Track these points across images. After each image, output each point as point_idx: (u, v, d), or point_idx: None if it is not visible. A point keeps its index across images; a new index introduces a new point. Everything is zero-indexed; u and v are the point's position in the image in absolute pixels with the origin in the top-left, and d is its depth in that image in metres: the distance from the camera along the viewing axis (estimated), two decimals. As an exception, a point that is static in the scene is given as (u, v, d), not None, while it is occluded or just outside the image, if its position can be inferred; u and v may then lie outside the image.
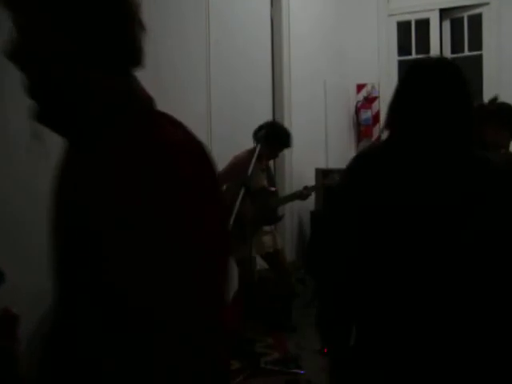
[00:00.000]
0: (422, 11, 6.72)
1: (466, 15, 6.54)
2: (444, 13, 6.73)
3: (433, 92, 1.49)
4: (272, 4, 5.45)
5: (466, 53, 6.58)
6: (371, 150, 1.73)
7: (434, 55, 1.60)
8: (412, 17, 6.80)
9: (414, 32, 6.80)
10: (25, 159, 2.77)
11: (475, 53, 6.51)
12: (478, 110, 2.71)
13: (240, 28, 4.87)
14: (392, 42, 6.93)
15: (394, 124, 1.57)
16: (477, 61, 6.44)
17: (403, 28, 6.91)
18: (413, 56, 6.82)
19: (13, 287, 2.37)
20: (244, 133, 4.35)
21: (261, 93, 5.26)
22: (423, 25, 6.77)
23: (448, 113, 1.48)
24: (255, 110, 4.28)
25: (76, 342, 0.89)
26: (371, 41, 6.89)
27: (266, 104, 5.37)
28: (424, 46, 6.74)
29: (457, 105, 1.49)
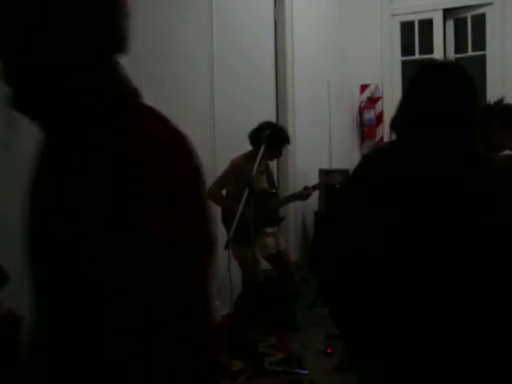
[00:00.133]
0: (426, 11, 6.71)
1: (470, 15, 6.53)
2: (447, 13, 6.72)
3: (440, 95, 1.52)
4: (275, 5, 5.45)
5: (470, 53, 6.57)
6: (377, 151, 1.74)
7: (440, 58, 1.62)
8: (415, 17, 6.79)
9: (418, 32, 6.80)
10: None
11: (479, 53, 6.50)
12: (485, 111, 2.71)
13: (243, 30, 4.88)
14: (395, 43, 6.92)
15: (402, 125, 1.59)
16: (480, 61, 6.43)
17: (406, 28, 6.90)
18: (416, 56, 6.82)
19: (16, 288, 2.37)
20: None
21: (264, 94, 5.27)
22: (427, 25, 6.76)
23: (455, 115, 1.51)
24: (259, 112, 4.29)
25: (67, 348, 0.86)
26: (374, 41, 6.88)
27: (270, 105, 5.37)
28: (427, 47, 6.73)
29: (463, 107, 1.51)
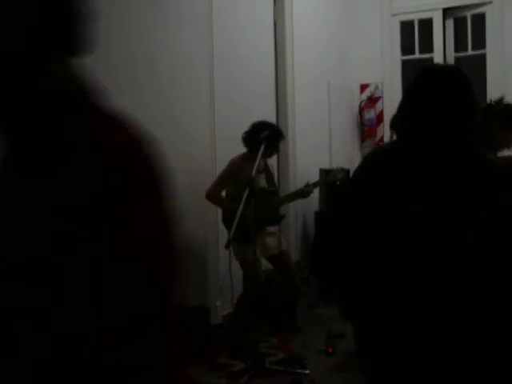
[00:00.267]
0: (425, 11, 6.70)
1: (470, 14, 6.53)
2: (447, 12, 6.72)
3: (440, 96, 1.54)
4: (275, 5, 5.45)
5: (470, 52, 6.57)
6: (378, 152, 1.75)
7: (440, 60, 1.64)
8: (415, 16, 6.79)
9: (418, 31, 6.79)
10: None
11: (479, 52, 6.50)
12: (485, 111, 2.71)
13: (242, 33, 4.88)
14: (395, 42, 6.92)
15: (402, 126, 1.60)
16: (480, 60, 6.43)
17: (406, 27, 6.89)
18: (416, 56, 6.82)
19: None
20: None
21: (264, 97, 5.26)
22: (426, 24, 6.76)
23: (454, 116, 1.52)
24: (259, 115, 4.29)
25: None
26: (374, 40, 6.88)
27: (270, 108, 5.36)
28: (427, 46, 6.73)
29: (462, 108, 1.53)
